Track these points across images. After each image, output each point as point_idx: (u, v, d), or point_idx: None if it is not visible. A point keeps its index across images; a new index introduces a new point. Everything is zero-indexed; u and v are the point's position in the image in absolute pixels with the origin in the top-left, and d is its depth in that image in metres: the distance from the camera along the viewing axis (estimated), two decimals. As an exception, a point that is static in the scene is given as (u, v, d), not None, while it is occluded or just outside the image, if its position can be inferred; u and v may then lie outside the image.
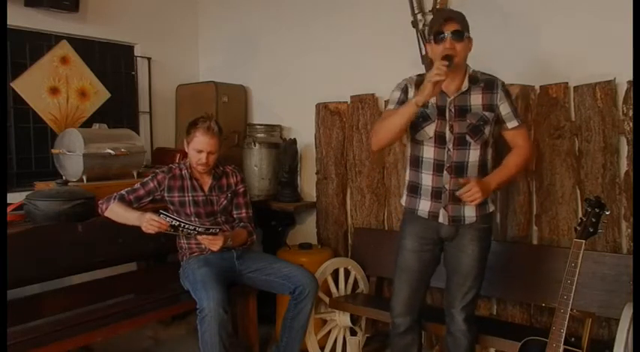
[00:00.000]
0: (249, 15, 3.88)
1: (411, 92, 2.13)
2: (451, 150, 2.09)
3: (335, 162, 3.36)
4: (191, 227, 2.42)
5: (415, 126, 2.13)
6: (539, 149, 2.66)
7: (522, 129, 2.19)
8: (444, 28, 2.02)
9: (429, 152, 2.13)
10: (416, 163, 2.18)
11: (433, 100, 2.09)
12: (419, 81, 2.11)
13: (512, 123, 2.14)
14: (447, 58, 1.96)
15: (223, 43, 4.06)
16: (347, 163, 3.34)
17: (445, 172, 2.11)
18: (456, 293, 2.20)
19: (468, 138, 2.08)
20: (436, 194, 2.14)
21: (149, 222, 2.36)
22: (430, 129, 2.10)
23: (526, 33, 2.73)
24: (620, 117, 2.46)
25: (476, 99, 2.09)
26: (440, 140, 2.10)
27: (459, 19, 2.06)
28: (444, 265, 2.25)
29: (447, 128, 2.09)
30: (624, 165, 2.48)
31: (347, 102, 3.32)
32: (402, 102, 2.13)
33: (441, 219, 2.14)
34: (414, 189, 2.20)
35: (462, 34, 2.02)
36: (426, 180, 2.15)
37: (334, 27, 3.42)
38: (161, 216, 2.35)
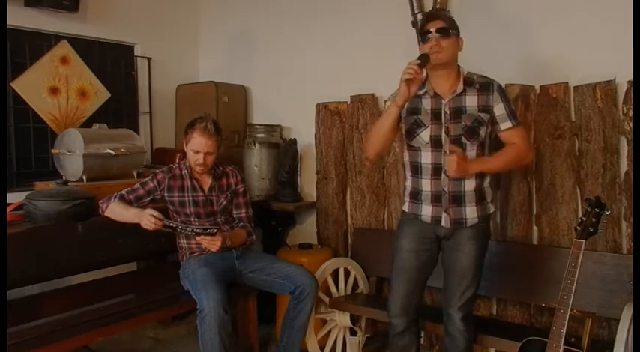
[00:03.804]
0: (249, 15, 3.88)
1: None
2: (447, 152, 2.09)
3: (335, 162, 3.36)
4: (188, 229, 2.44)
5: (410, 133, 2.15)
6: (540, 149, 2.66)
7: (518, 130, 2.14)
8: (429, 27, 2.05)
9: (426, 157, 2.13)
10: (415, 170, 2.18)
11: (427, 105, 2.11)
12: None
13: (505, 124, 2.11)
14: (420, 57, 2.00)
15: (223, 43, 4.06)
16: (347, 163, 3.34)
17: (443, 175, 2.11)
18: (453, 291, 2.20)
19: (463, 139, 2.08)
20: (436, 198, 2.14)
21: (148, 219, 2.38)
22: (425, 135, 2.11)
23: (526, 33, 2.73)
24: (620, 117, 2.46)
25: (471, 101, 2.09)
26: (436, 144, 2.10)
27: (445, 17, 2.10)
28: (442, 264, 2.26)
29: (443, 131, 2.09)
30: (624, 165, 2.48)
31: (347, 102, 3.32)
32: None
33: (443, 223, 2.15)
34: (416, 196, 2.21)
35: (446, 30, 2.03)
36: (426, 185, 2.16)
37: (334, 27, 3.42)
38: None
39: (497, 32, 2.77)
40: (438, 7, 2.88)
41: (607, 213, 1.95)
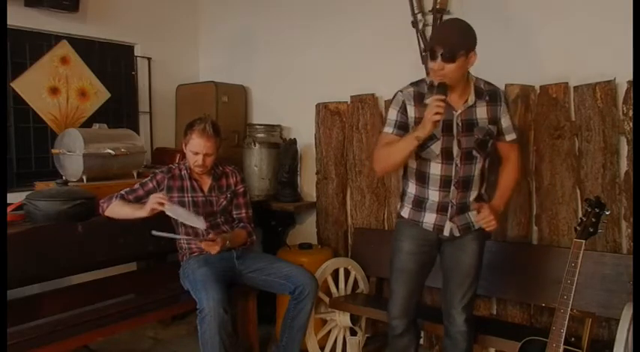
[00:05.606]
0: (249, 15, 3.88)
1: (410, 109, 2.06)
2: (459, 165, 2.07)
3: (335, 162, 3.36)
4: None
5: (420, 145, 2.07)
6: (540, 149, 2.66)
7: (516, 144, 2.21)
8: (436, 48, 1.93)
9: (436, 168, 2.09)
10: (422, 179, 2.14)
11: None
12: (416, 93, 2.06)
13: (510, 136, 2.14)
14: (440, 89, 1.90)
15: (223, 43, 4.06)
16: (347, 163, 3.34)
17: (453, 187, 2.09)
18: (455, 292, 2.19)
19: (474, 152, 2.07)
20: (443, 208, 2.13)
21: (155, 200, 2.41)
22: (437, 147, 2.06)
23: (526, 33, 2.73)
24: (620, 117, 2.46)
25: (482, 113, 2.06)
26: (447, 156, 2.07)
27: (453, 38, 1.93)
28: (442, 266, 2.25)
29: (455, 143, 2.05)
30: (624, 165, 2.48)
31: (347, 102, 3.32)
32: (400, 124, 2.06)
33: (445, 232, 2.14)
34: (419, 204, 2.17)
35: (453, 55, 1.89)
36: (433, 195, 2.13)
37: (334, 27, 3.42)
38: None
39: (497, 32, 2.76)
40: (438, 7, 2.88)
41: (607, 213, 1.95)
